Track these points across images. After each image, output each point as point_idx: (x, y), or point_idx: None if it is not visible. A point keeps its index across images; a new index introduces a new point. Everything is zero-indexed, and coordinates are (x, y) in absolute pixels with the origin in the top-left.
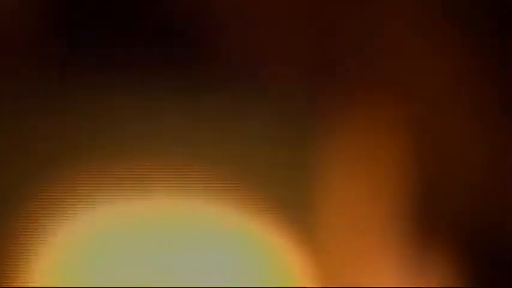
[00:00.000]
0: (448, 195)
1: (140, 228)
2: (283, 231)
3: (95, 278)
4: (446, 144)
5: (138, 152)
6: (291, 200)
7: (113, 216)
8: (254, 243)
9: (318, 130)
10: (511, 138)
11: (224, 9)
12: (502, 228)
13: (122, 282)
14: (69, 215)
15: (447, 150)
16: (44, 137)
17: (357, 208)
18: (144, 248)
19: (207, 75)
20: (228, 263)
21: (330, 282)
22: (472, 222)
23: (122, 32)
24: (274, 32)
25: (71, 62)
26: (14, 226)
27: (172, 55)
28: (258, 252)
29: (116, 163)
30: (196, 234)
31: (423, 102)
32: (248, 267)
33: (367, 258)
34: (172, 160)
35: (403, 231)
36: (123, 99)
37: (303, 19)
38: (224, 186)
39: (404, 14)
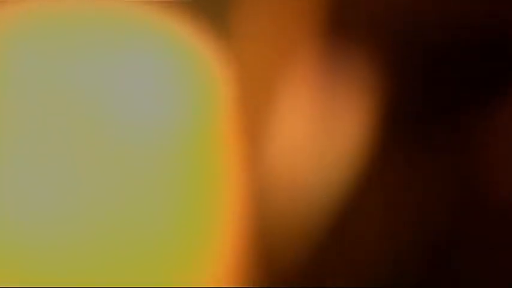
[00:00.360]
0: None
1: (70, 26)
2: (202, 33)
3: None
4: None
5: None
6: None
7: (46, 12)
8: (174, 47)
9: None
10: None
11: None
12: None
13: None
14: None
15: None
16: None
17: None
18: (73, 47)
19: None
20: (150, 64)
21: (247, 84)
22: (391, 20)
23: None
24: None
25: None
26: None
27: None
28: (178, 56)
29: None
30: (123, 35)
31: None
32: (168, 68)
33: (285, 59)
34: None
35: (321, 33)
36: None
37: None
38: None
39: None
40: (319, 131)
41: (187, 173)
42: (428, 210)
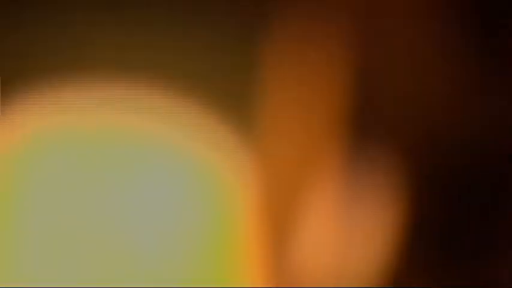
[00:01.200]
0: (387, 104)
1: (89, 142)
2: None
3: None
4: (393, 61)
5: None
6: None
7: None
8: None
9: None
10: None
11: None
12: (446, 136)
13: None
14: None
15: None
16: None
17: (296, 115)
18: (91, 162)
19: None
20: (173, 172)
21: (271, 186)
22: (413, 130)
23: None
24: None
25: None
26: None
27: None
28: (201, 166)
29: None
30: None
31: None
32: (191, 177)
33: (309, 161)
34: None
35: (343, 135)
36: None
37: None
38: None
39: None
40: (344, 234)
41: (216, 276)
42: None
